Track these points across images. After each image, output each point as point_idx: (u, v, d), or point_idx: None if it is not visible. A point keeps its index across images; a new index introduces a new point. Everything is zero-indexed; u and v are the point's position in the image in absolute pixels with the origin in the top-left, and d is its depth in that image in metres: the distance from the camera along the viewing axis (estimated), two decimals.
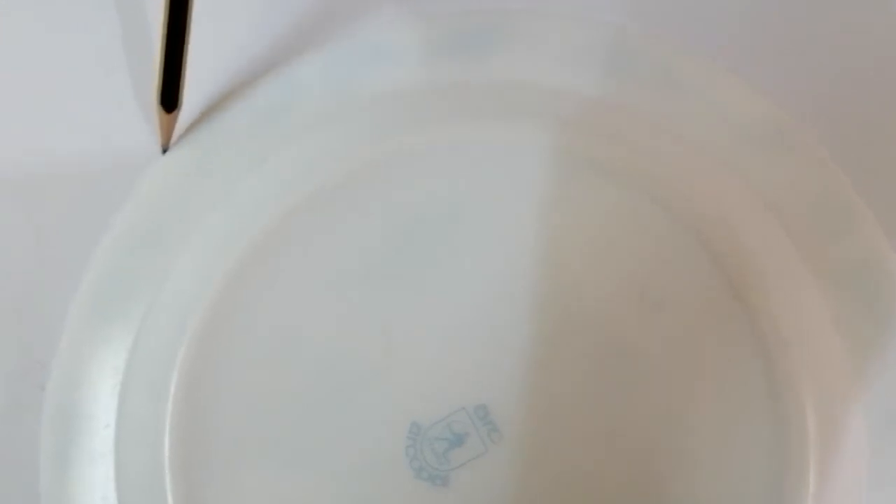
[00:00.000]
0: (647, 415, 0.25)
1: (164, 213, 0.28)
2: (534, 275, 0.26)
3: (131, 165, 0.28)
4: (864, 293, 0.26)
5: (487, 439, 0.25)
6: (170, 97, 0.27)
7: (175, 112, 0.27)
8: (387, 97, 0.28)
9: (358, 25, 0.29)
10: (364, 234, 0.27)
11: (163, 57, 0.27)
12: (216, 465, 0.25)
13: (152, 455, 0.25)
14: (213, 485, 0.25)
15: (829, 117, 0.28)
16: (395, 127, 0.28)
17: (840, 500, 0.25)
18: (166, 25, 0.27)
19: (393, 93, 0.28)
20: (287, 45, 0.29)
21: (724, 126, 0.27)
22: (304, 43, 0.29)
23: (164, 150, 0.28)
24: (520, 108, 0.28)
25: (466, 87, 0.28)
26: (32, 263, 0.28)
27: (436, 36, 0.29)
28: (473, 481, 0.25)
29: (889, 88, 0.28)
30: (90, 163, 0.28)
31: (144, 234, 0.27)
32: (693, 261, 0.26)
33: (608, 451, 0.25)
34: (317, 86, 0.28)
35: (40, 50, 0.29)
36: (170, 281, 0.27)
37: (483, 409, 0.25)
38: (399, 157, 0.27)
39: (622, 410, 0.25)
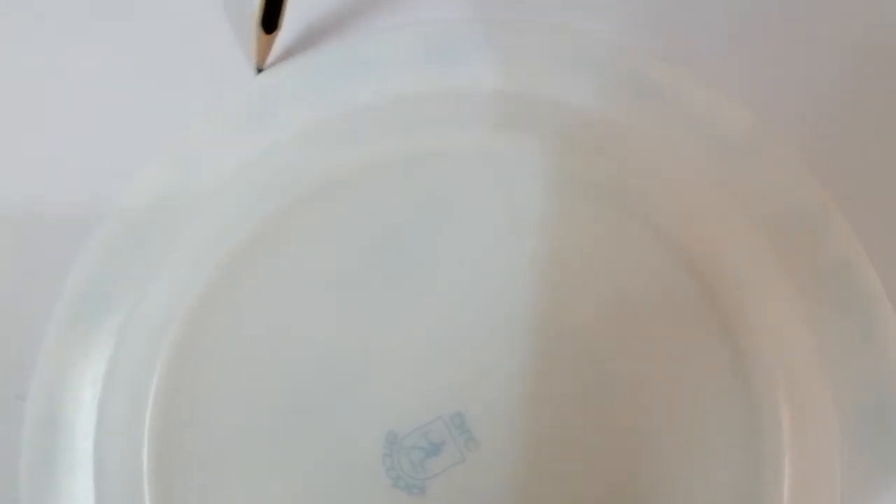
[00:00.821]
0: (623, 422, 0.25)
1: (145, 223, 0.28)
2: (513, 285, 0.26)
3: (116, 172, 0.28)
4: (838, 295, 0.26)
5: (464, 448, 0.25)
6: (271, 18, 0.27)
7: (274, 33, 0.28)
8: (376, 105, 0.29)
9: (349, 34, 0.30)
10: (342, 244, 0.27)
11: None
12: (195, 473, 0.25)
13: (132, 464, 0.25)
14: (192, 493, 0.25)
15: (805, 125, 0.28)
16: (379, 134, 0.28)
17: (815, 493, 0.25)
18: None
19: (382, 101, 0.29)
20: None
21: (701, 134, 0.28)
22: (293, 51, 0.30)
23: (259, 71, 0.29)
24: (504, 119, 0.28)
25: (452, 96, 0.29)
26: (12, 274, 0.28)
27: (423, 45, 0.29)
28: (450, 490, 0.25)
29: (864, 94, 0.28)
30: (73, 181, 0.29)
31: (124, 243, 0.28)
32: (670, 268, 0.26)
33: (585, 458, 0.25)
34: (305, 93, 0.29)
35: None
36: (149, 291, 0.27)
37: (460, 418, 0.25)
38: (383, 164, 0.27)
39: (599, 418, 0.25)
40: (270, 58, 0.29)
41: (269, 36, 0.28)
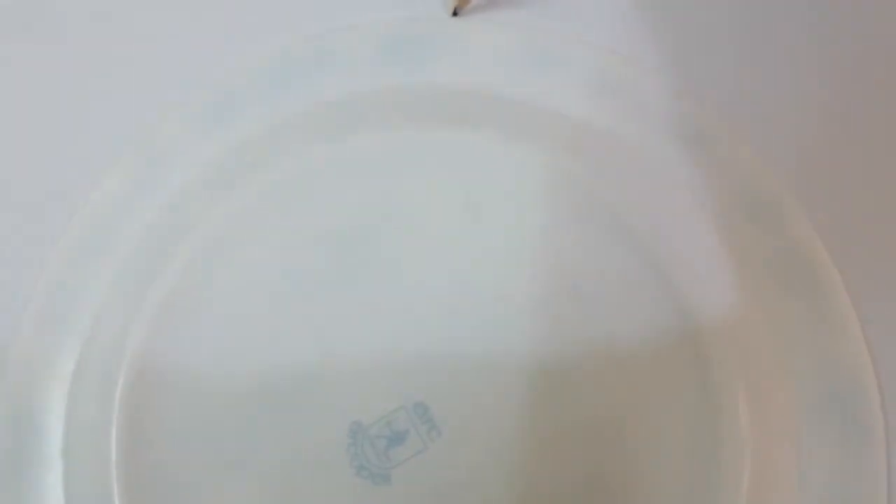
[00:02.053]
0: (586, 411, 0.26)
1: (111, 223, 0.28)
2: (469, 274, 0.27)
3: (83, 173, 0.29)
4: (795, 283, 0.26)
5: (427, 437, 0.26)
6: None
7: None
8: (337, 102, 0.29)
9: (313, 31, 0.30)
10: (304, 239, 0.27)
11: None
12: (163, 469, 0.26)
13: (100, 462, 0.26)
14: (161, 489, 0.26)
15: (765, 123, 0.29)
16: (341, 131, 0.29)
17: (775, 475, 0.25)
18: None
19: (341, 97, 0.29)
20: (228, 56, 0.30)
21: (656, 130, 0.28)
22: (254, 50, 0.30)
23: (455, 14, 0.30)
24: (464, 115, 0.29)
25: (412, 92, 0.29)
26: None
27: (384, 42, 0.30)
28: (414, 478, 0.25)
29: (819, 92, 0.29)
30: (41, 181, 0.29)
31: (91, 243, 0.28)
32: (628, 260, 0.27)
33: (546, 445, 0.26)
34: (269, 91, 0.29)
35: None
36: (115, 290, 0.27)
37: (422, 407, 0.26)
38: (343, 161, 0.28)
39: (560, 406, 0.26)
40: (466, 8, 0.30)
41: None
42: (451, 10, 0.30)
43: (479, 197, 0.28)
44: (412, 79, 0.29)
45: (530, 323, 0.26)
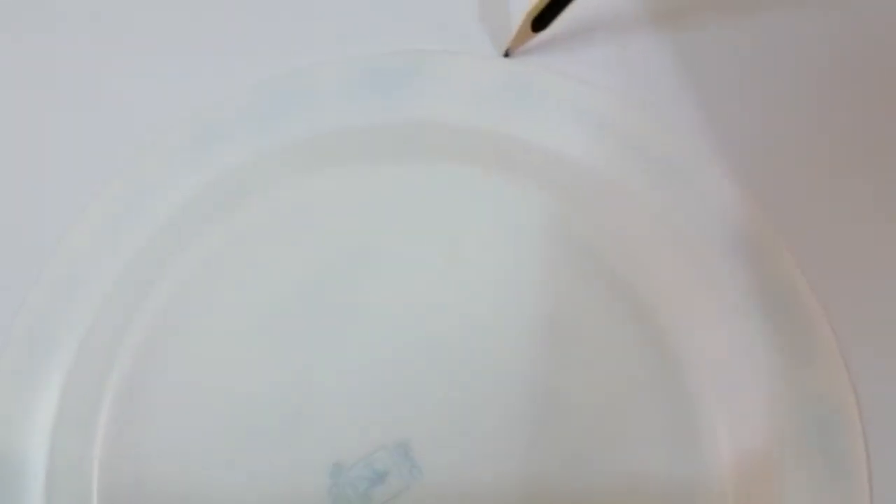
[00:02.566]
0: (565, 444, 0.26)
1: (91, 260, 0.28)
2: (447, 311, 0.27)
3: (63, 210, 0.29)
4: (774, 315, 0.26)
5: (408, 476, 0.25)
6: (544, 21, 0.29)
7: (537, 33, 0.29)
8: (314, 137, 0.29)
9: (291, 67, 0.30)
10: (284, 277, 0.27)
11: None
12: (140, 499, 0.26)
13: (82, 497, 0.26)
14: None
15: (748, 155, 0.29)
16: (318, 167, 0.29)
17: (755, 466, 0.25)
18: None
19: (320, 133, 0.29)
20: (206, 92, 0.30)
21: (637, 160, 0.28)
22: (230, 86, 0.30)
23: (506, 55, 0.30)
24: (439, 149, 0.29)
25: (389, 127, 0.29)
26: None
27: (361, 78, 0.30)
28: None
29: (802, 123, 0.29)
30: (21, 217, 0.29)
31: (71, 280, 0.28)
32: (606, 291, 0.27)
33: (527, 481, 0.25)
34: (247, 126, 0.29)
35: None
36: (95, 327, 0.27)
37: (403, 447, 0.26)
38: (322, 197, 0.28)
39: (541, 442, 0.26)
40: (523, 50, 0.30)
41: (532, 33, 0.29)
42: (502, 51, 0.30)
43: (456, 232, 0.28)
44: (391, 114, 0.29)
45: (509, 359, 0.26)
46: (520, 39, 0.30)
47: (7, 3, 0.32)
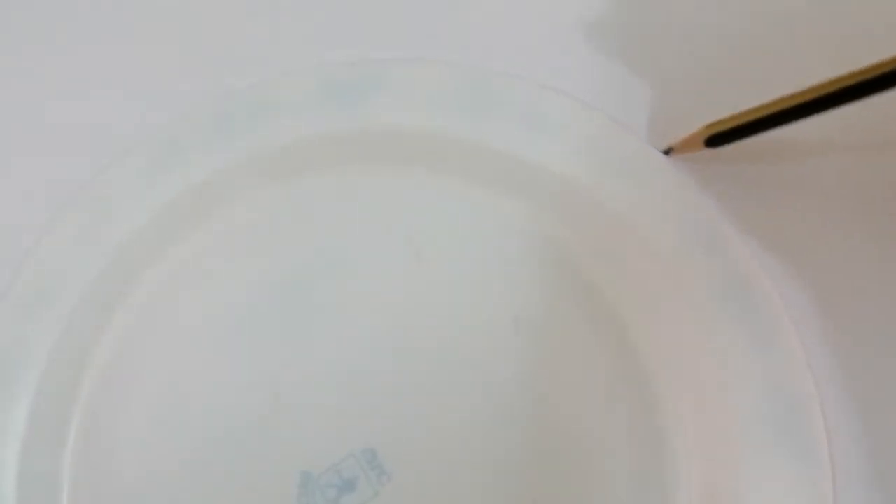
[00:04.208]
0: (533, 444, 0.26)
1: (57, 274, 0.28)
2: (418, 318, 0.27)
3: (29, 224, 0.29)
4: (735, 308, 0.26)
5: (377, 482, 0.25)
6: (723, 141, 0.27)
7: (709, 149, 0.27)
8: (279, 146, 0.29)
9: (255, 76, 0.30)
10: (249, 286, 0.28)
11: (758, 117, 0.26)
12: None
13: None
14: None
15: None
16: (284, 175, 0.29)
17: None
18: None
19: (285, 142, 0.29)
20: (172, 102, 0.30)
21: (595, 161, 0.28)
22: (194, 96, 0.30)
23: (667, 152, 0.28)
24: (407, 155, 0.29)
25: (353, 135, 0.29)
26: None
27: (328, 85, 0.30)
28: None
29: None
30: None
31: (38, 297, 0.28)
32: (568, 289, 0.27)
33: (497, 486, 0.25)
34: (213, 137, 0.29)
35: None
36: (63, 341, 0.27)
37: (371, 453, 0.26)
38: (287, 205, 0.29)
39: (506, 443, 0.26)
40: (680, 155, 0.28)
41: (706, 147, 0.27)
42: (663, 148, 0.28)
43: (423, 238, 0.28)
44: (356, 122, 0.29)
45: (477, 363, 0.26)
46: (687, 146, 0.28)
47: None
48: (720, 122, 0.27)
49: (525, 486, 0.25)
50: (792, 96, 0.25)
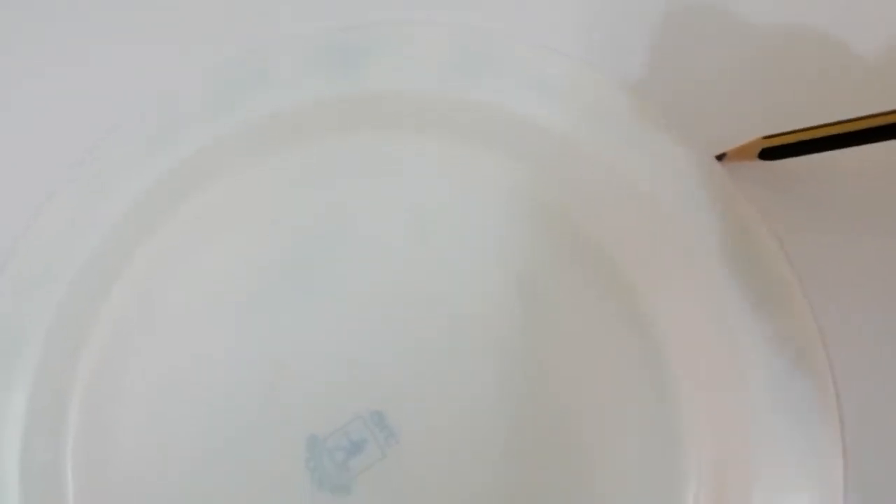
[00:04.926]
0: (540, 407, 0.26)
1: (54, 255, 0.27)
2: (418, 280, 0.27)
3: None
4: (739, 261, 0.26)
5: (385, 444, 0.26)
6: (779, 155, 0.26)
7: (760, 161, 0.26)
8: (277, 114, 0.28)
9: (249, 45, 0.29)
10: (250, 255, 0.27)
11: (819, 136, 0.25)
12: (118, 494, 0.26)
13: (56, 494, 0.26)
14: None
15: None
16: (280, 144, 0.28)
17: (731, 460, 0.25)
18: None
19: (282, 110, 0.28)
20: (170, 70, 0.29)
21: (602, 125, 0.27)
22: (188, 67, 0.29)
23: (719, 158, 0.27)
24: (405, 120, 0.28)
25: (352, 101, 0.28)
26: None
27: (324, 52, 0.28)
28: (374, 487, 0.25)
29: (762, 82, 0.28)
30: None
31: (33, 277, 0.27)
32: (570, 250, 0.27)
33: (504, 446, 0.25)
34: (205, 109, 0.28)
35: None
36: (62, 319, 0.27)
37: (378, 416, 0.26)
38: (286, 174, 0.28)
39: (514, 407, 0.26)
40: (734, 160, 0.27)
41: (759, 160, 0.26)
42: (717, 154, 0.27)
43: (423, 202, 0.27)
44: (351, 88, 0.28)
45: (479, 325, 0.26)
46: (741, 155, 0.27)
47: None
48: (778, 135, 0.26)
49: (532, 444, 0.26)
50: (858, 119, 0.24)
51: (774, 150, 0.26)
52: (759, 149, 0.26)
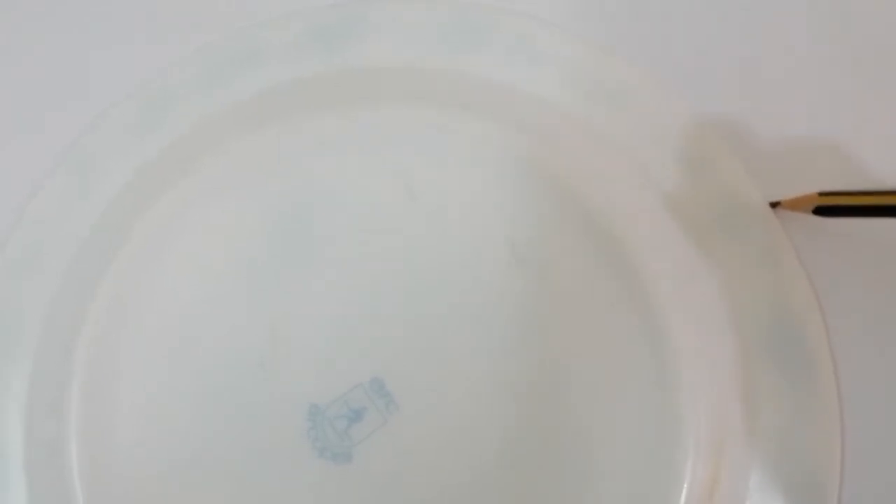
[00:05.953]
0: (540, 372, 0.26)
1: (49, 235, 0.28)
2: (414, 248, 0.27)
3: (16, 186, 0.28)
4: (733, 229, 0.26)
5: (385, 411, 0.26)
6: (832, 213, 0.25)
7: (816, 216, 0.25)
8: (270, 89, 0.29)
9: (243, 23, 0.30)
10: (244, 228, 0.27)
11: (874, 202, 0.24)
12: (124, 469, 0.26)
13: (61, 470, 0.26)
14: (124, 487, 0.26)
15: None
16: (268, 120, 0.28)
17: (719, 410, 0.25)
18: None
19: (275, 85, 0.29)
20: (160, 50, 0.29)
21: (590, 94, 0.28)
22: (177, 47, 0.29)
23: (773, 206, 0.26)
24: (395, 93, 0.28)
25: (336, 76, 0.29)
26: None
27: (315, 27, 0.29)
28: (375, 454, 0.25)
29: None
30: None
31: (29, 257, 0.28)
32: (565, 218, 0.27)
33: (503, 413, 0.26)
34: (197, 88, 0.29)
35: None
36: (60, 297, 0.27)
37: (378, 383, 0.26)
38: (278, 148, 0.28)
39: (512, 368, 0.26)
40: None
41: (813, 215, 0.25)
42: (771, 201, 0.26)
43: (417, 172, 0.27)
44: (341, 62, 0.29)
45: (476, 290, 0.26)
46: (796, 206, 0.26)
47: None
48: (830, 195, 0.25)
49: (532, 407, 0.26)
50: None
51: (831, 209, 0.25)
52: (814, 205, 0.25)
